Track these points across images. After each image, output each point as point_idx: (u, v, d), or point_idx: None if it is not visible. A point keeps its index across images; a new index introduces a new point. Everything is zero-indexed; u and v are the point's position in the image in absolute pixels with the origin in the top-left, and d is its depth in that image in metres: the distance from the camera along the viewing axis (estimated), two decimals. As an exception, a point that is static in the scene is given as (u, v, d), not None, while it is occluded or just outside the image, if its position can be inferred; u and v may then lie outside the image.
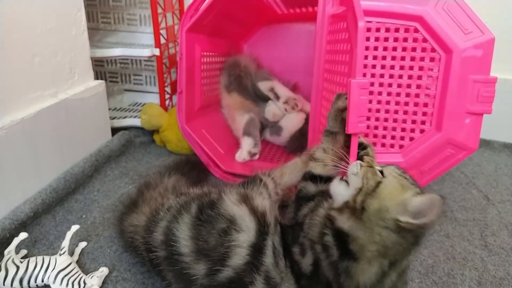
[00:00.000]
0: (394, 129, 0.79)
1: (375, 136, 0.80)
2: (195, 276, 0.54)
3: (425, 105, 0.77)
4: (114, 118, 1.19)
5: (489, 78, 0.72)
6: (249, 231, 0.54)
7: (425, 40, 0.74)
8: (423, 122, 0.78)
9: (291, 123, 1.09)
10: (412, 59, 0.76)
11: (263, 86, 1.11)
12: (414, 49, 0.75)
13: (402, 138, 0.79)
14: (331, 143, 0.62)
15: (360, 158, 0.60)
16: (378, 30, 0.75)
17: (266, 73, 1.14)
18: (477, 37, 0.72)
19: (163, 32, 1.14)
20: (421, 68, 0.76)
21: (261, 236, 0.54)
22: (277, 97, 1.10)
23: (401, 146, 0.79)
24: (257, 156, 1.05)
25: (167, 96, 1.22)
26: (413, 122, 0.78)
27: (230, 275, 0.52)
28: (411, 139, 0.78)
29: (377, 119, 0.79)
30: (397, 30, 0.75)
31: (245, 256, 0.53)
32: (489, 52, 0.72)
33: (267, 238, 0.55)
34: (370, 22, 0.75)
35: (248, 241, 0.54)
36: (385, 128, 0.79)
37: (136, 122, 1.18)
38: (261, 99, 1.12)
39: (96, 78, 1.06)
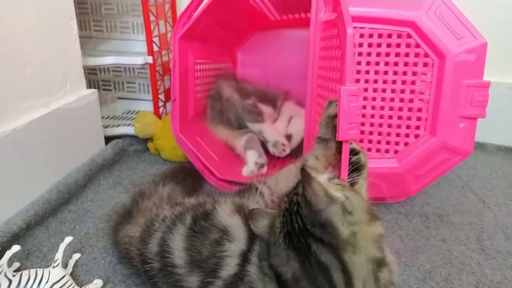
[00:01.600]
0: (388, 134, 0.79)
1: (370, 141, 0.80)
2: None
3: (419, 110, 0.77)
4: (107, 126, 1.18)
5: (482, 82, 0.73)
6: (240, 240, 0.54)
7: (418, 46, 0.74)
8: (417, 127, 0.78)
9: (299, 128, 1.07)
10: (406, 64, 0.76)
11: (253, 128, 1.09)
12: (407, 55, 0.75)
13: (397, 143, 0.79)
14: (323, 150, 0.62)
15: (351, 163, 0.60)
16: (371, 36, 0.76)
17: (255, 113, 1.10)
18: (469, 42, 0.72)
19: (156, 39, 1.14)
20: (414, 73, 0.76)
21: (251, 243, 0.54)
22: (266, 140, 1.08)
23: (396, 151, 0.79)
24: (265, 169, 1.00)
25: (160, 103, 1.22)
26: (408, 127, 0.78)
27: (221, 287, 0.52)
28: (406, 144, 0.79)
29: (371, 125, 0.79)
30: (390, 35, 0.75)
31: (234, 266, 0.52)
32: (482, 56, 0.72)
33: (255, 243, 0.54)
34: (363, 28, 0.75)
35: (239, 250, 0.53)
36: (379, 134, 0.79)
37: (129, 130, 1.17)
38: (247, 127, 1.11)
39: (89, 86, 1.05)
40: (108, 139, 1.12)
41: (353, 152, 0.61)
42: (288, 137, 1.10)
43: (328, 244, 0.43)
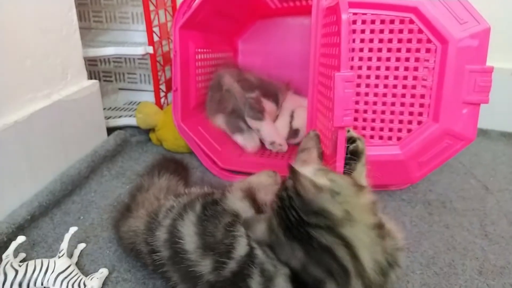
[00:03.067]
0: (391, 121, 0.79)
1: (372, 128, 0.80)
2: (201, 273, 0.54)
3: (422, 96, 0.76)
4: (109, 117, 1.18)
5: (485, 67, 0.72)
6: None
7: (420, 31, 0.74)
8: (420, 114, 0.77)
9: (304, 121, 1.07)
10: (408, 50, 0.75)
11: (252, 124, 1.09)
12: (409, 41, 0.75)
13: (399, 130, 0.79)
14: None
15: (349, 151, 0.60)
16: (373, 22, 0.75)
17: (256, 109, 1.08)
18: (472, 27, 0.71)
19: (156, 29, 1.13)
20: (417, 60, 0.75)
21: None
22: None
23: (399, 138, 0.79)
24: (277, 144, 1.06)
25: (162, 94, 1.22)
26: (410, 113, 0.78)
27: (234, 268, 0.52)
28: (409, 131, 0.78)
29: (374, 112, 0.79)
30: (392, 21, 0.74)
31: (245, 246, 0.53)
32: (485, 41, 0.72)
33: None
34: (365, 14, 0.75)
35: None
36: (382, 121, 0.79)
37: (131, 121, 1.17)
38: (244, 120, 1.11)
39: (90, 77, 1.05)
40: (110, 130, 1.12)
41: (350, 140, 0.61)
42: (295, 132, 1.10)
43: (326, 227, 0.44)
